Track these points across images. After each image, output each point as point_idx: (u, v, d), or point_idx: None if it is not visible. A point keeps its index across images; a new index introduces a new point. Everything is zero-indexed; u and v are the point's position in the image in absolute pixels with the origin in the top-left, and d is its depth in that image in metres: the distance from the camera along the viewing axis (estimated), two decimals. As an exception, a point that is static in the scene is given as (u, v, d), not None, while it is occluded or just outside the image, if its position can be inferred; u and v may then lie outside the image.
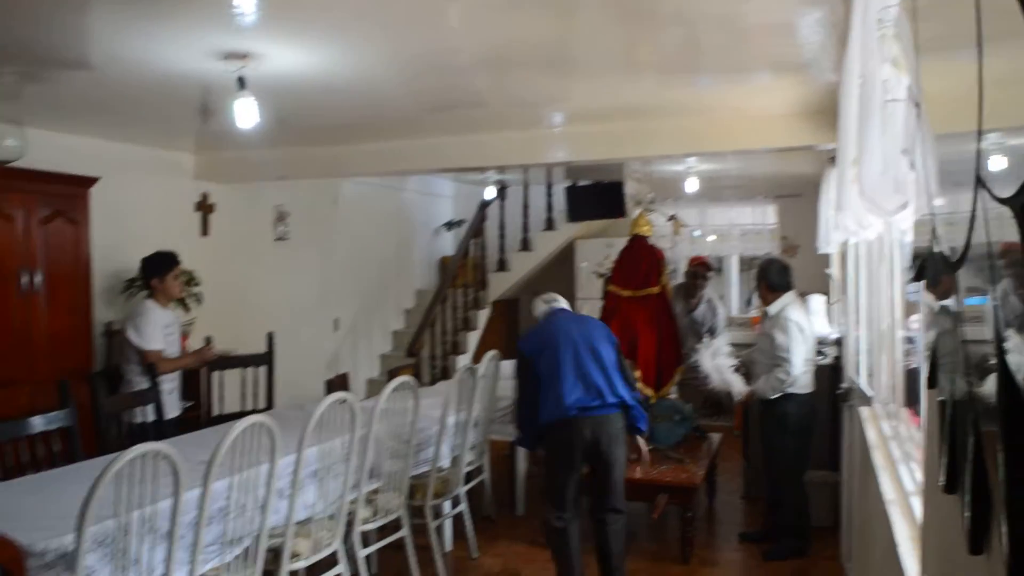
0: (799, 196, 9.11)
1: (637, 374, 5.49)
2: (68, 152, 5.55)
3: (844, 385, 5.01)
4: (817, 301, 7.03)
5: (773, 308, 5.00)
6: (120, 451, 4.10)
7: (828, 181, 5.92)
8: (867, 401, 3.97)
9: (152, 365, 4.79)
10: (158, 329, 4.93)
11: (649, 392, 5.57)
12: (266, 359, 5.85)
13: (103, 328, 5.78)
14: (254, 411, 5.52)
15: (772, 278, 5.05)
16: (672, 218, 6.74)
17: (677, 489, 4.89)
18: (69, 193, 5.18)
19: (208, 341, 5.52)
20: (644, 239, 5.93)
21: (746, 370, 5.32)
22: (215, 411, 5.62)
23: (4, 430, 3.78)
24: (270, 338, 5.84)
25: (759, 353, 5.11)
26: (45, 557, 2.64)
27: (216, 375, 5.63)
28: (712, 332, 6.66)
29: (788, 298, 5.05)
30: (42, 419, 3.98)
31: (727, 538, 5.44)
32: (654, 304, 5.73)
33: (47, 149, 5.29)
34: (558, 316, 4.50)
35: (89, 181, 5.30)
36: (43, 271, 4.98)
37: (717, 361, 5.24)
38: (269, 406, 5.80)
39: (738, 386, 5.17)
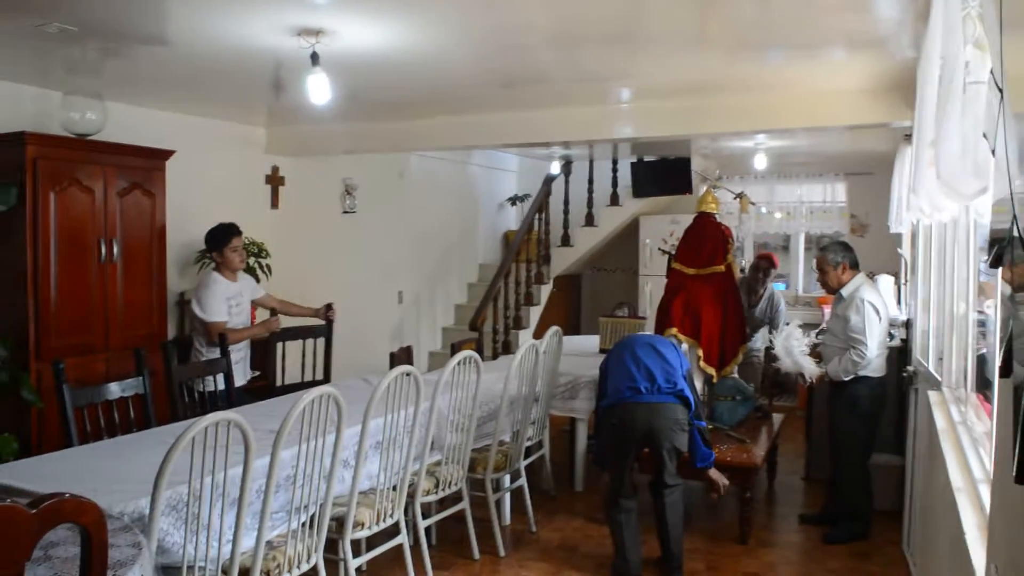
0: (870, 174, 8.90)
1: (700, 353, 5.48)
2: (145, 125, 5.71)
3: (910, 368, 4.90)
4: (886, 282, 6.89)
5: (846, 289, 4.92)
6: (190, 418, 4.28)
7: (902, 159, 5.78)
8: (936, 385, 3.88)
9: (222, 336, 4.91)
10: (221, 301, 5.04)
11: (711, 371, 5.53)
12: (325, 331, 5.92)
13: (176, 298, 5.95)
14: (313, 382, 5.65)
15: (850, 257, 4.97)
16: (740, 196, 6.64)
17: (737, 469, 4.86)
18: (146, 166, 5.32)
19: (329, 307, 5.75)
20: (711, 216, 5.84)
21: (818, 353, 5.22)
22: (277, 381, 5.73)
23: (83, 395, 3.93)
24: (327, 308, 5.85)
25: (830, 336, 5.03)
26: (123, 519, 2.74)
27: (279, 345, 5.74)
28: (773, 327, 6.53)
29: (860, 279, 4.96)
30: (118, 386, 4.13)
31: (787, 519, 5.39)
32: (719, 282, 5.64)
33: (125, 123, 5.44)
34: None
35: (165, 154, 5.43)
36: (120, 242, 5.14)
37: (790, 344, 5.13)
38: (327, 378, 5.90)
39: (810, 368, 5.07)
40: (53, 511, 1.73)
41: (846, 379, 4.79)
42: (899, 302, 6.89)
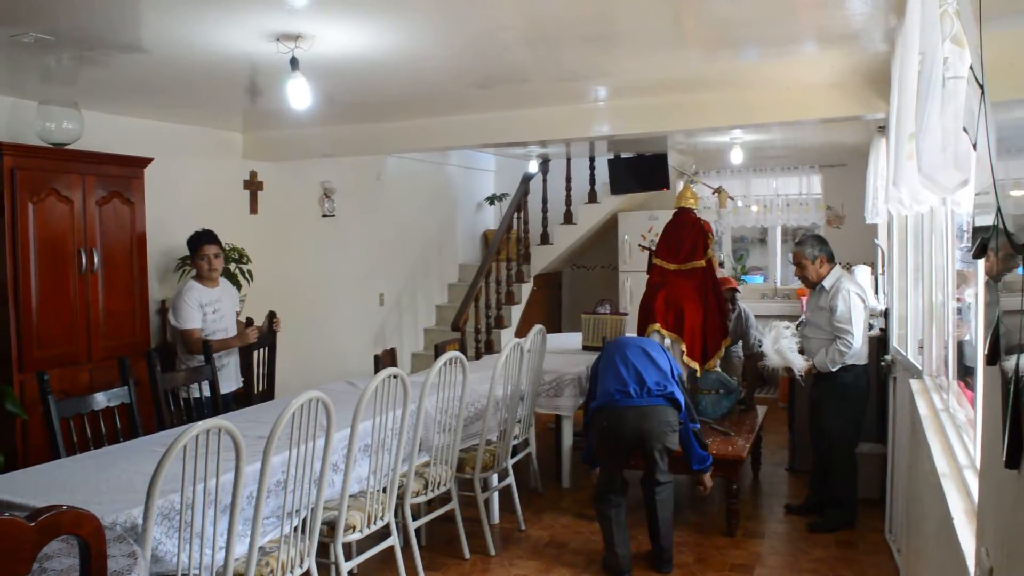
0: (844, 166, 9.00)
1: (683, 347, 5.51)
2: (122, 133, 5.67)
3: (888, 357, 4.97)
4: (863, 272, 6.96)
5: (827, 281, 4.99)
6: (176, 426, 4.26)
7: (877, 151, 5.85)
8: (917, 374, 3.94)
9: (206, 343, 4.90)
10: (194, 309, 5.04)
11: (695, 365, 5.57)
12: (269, 340, 5.82)
13: (157, 306, 5.92)
14: (260, 393, 5.75)
15: (826, 250, 5.04)
16: (718, 190, 6.69)
17: (722, 462, 4.90)
18: (124, 174, 5.28)
19: (273, 316, 5.75)
20: (690, 211, 5.91)
21: (801, 347, 5.26)
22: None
23: (69, 406, 3.91)
24: (270, 317, 5.83)
25: (813, 328, 5.08)
26: (116, 529, 2.74)
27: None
28: (746, 343, 6.54)
29: (838, 270, 5.04)
30: (104, 395, 4.12)
31: (772, 510, 5.45)
32: (700, 277, 5.70)
33: (102, 131, 5.41)
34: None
35: (144, 161, 5.40)
36: (100, 251, 5.10)
37: (779, 343, 5.13)
38: (270, 388, 5.91)
39: (799, 363, 5.07)
40: (51, 523, 1.72)
41: (833, 369, 4.84)
42: (876, 292, 6.97)
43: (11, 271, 4.63)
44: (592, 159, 9.36)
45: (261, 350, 5.90)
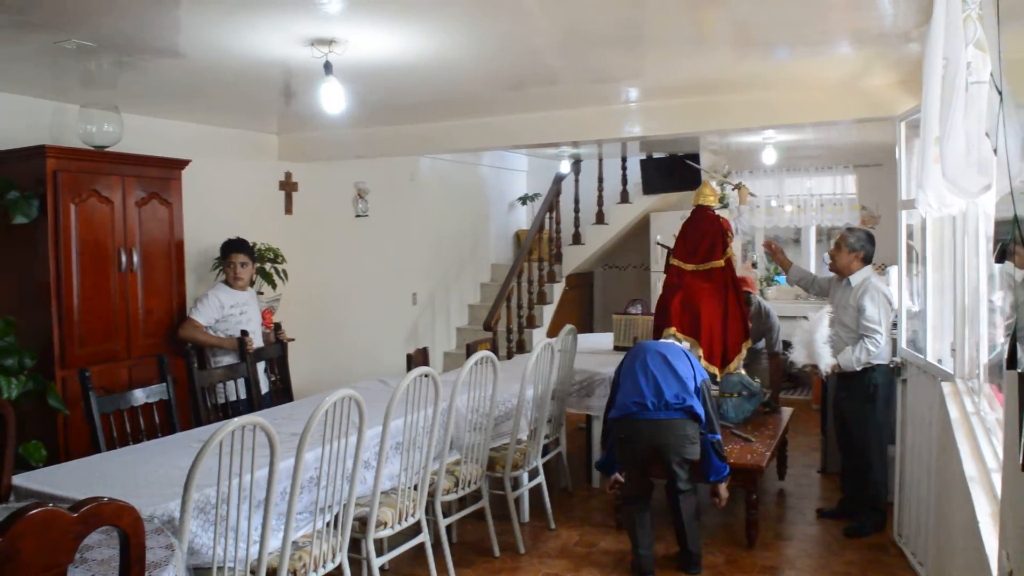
0: (880, 166, 8.91)
1: (700, 352, 5.35)
2: (161, 136, 5.79)
3: (896, 359, 4.82)
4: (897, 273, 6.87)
5: (855, 278, 4.93)
6: (213, 422, 4.35)
7: (910, 151, 5.79)
8: (947, 377, 3.90)
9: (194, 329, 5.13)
10: (215, 308, 5.25)
11: (714, 370, 5.40)
12: (278, 351, 5.70)
13: (194, 304, 6.02)
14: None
15: (867, 248, 4.97)
16: (738, 186, 6.51)
17: (741, 471, 4.71)
18: (162, 175, 5.39)
19: (277, 328, 5.87)
20: (708, 209, 5.71)
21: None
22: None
23: (109, 402, 4.02)
24: (276, 328, 5.87)
25: (839, 325, 5.01)
26: (153, 522, 2.81)
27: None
28: (769, 343, 6.34)
29: (868, 271, 4.98)
30: (143, 392, 4.22)
31: (803, 512, 5.39)
32: (719, 277, 5.52)
33: (141, 133, 5.52)
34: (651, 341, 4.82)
35: (181, 163, 5.51)
36: (139, 251, 5.21)
37: (813, 335, 4.98)
38: (286, 390, 5.74)
39: (826, 359, 4.94)
40: (93, 514, 1.79)
41: (858, 368, 4.81)
42: (911, 293, 6.87)
43: (54, 270, 4.75)
44: (624, 159, 9.36)
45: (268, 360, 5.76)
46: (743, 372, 5.61)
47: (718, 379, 5.46)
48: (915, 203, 4.24)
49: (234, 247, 5.40)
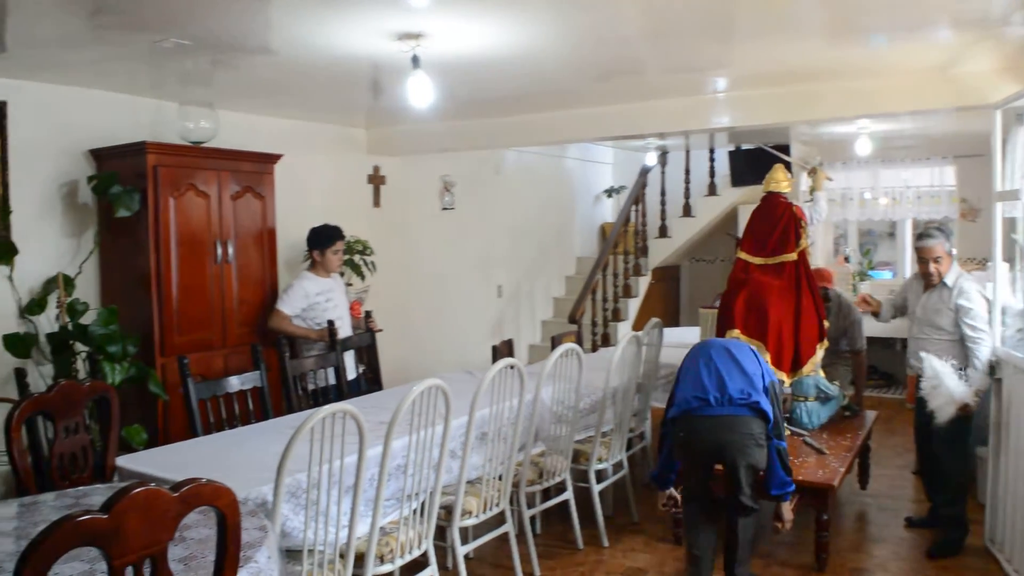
0: (982, 156, 8.54)
1: (767, 356, 4.82)
2: (254, 131, 5.97)
3: (992, 357, 4.46)
4: (1002, 269, 6.57)
5: (950, 277, 4.59)
6: (304, 410, 4.46)
7: (1014, 140, 5.54)
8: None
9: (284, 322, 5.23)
10: (300, 298, 5.34)
11: (782, 376, 4.91)
12: (368, 339, 5.81)
13: (280, 295, 6.18)
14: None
15: (950, 244, 4.63)
16: (813, 170, 5.83)
17: (809, 490, 4.20)
18: (256, 170, 5.55)
19: (368, 316, 5.95)
20: (780, 196, 5.23)
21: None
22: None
23: (206, 388, 4.16)
24: (367, 317, 5.93)
25: (929, 328, 4.62)
26: (247, 505, 2.90)
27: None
28: (852, 336, 5.66)
29: (957, 266, 4.66)
30: (238, 379, 4.36)
31: (886, 524, 5.09)
32: (790, 272, 5.02)
33: (236, 129, 5.71)
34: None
35: (274, 158, 5.66)
36: (234, 243, 5.38)
37: (945, 381, 4.34)
38: (375, 378, 5.85)
39: (961, 391, 4.31)
40: (193, 494, 1.86)
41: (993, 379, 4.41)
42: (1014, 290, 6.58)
43: (154, 262, 4.94)
44: (712, 151, 9.22)
45: (358, 349, 5.85)
46: (821, 373, 5.18)
47: (786, 385, 5.00)
48: (1019, 194, 4.07)
49: (338, 234, 5.49)
